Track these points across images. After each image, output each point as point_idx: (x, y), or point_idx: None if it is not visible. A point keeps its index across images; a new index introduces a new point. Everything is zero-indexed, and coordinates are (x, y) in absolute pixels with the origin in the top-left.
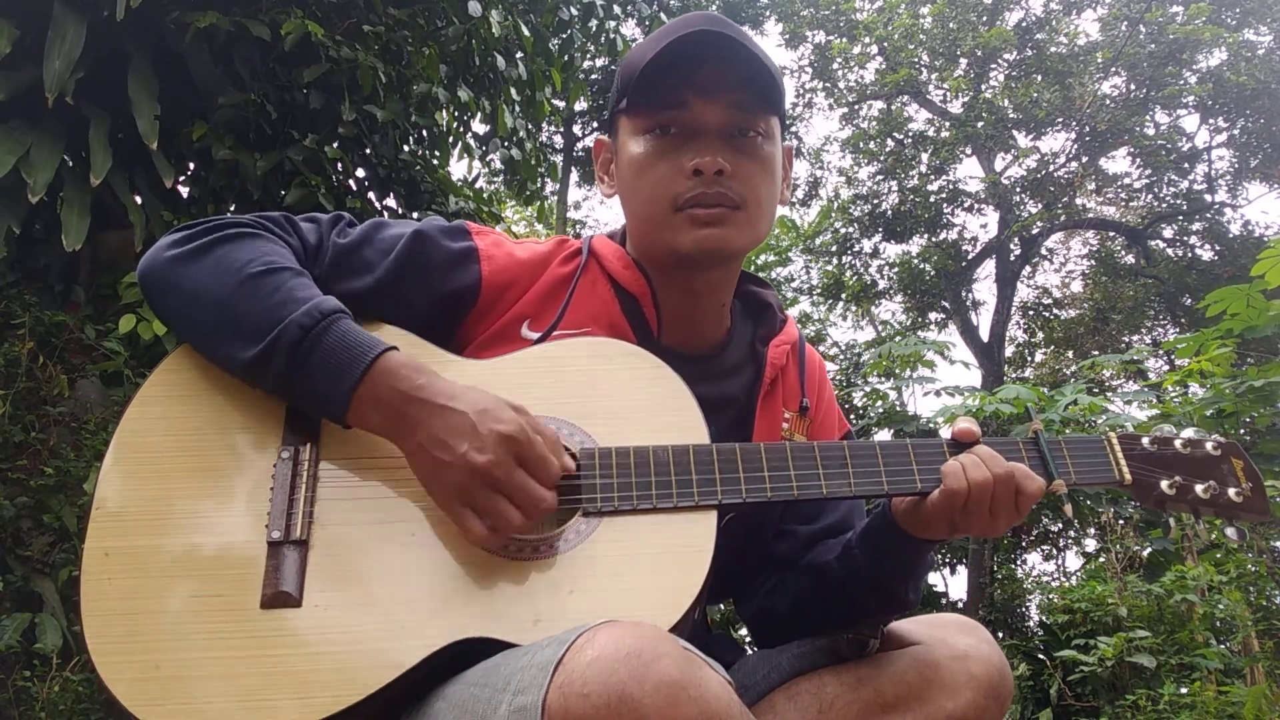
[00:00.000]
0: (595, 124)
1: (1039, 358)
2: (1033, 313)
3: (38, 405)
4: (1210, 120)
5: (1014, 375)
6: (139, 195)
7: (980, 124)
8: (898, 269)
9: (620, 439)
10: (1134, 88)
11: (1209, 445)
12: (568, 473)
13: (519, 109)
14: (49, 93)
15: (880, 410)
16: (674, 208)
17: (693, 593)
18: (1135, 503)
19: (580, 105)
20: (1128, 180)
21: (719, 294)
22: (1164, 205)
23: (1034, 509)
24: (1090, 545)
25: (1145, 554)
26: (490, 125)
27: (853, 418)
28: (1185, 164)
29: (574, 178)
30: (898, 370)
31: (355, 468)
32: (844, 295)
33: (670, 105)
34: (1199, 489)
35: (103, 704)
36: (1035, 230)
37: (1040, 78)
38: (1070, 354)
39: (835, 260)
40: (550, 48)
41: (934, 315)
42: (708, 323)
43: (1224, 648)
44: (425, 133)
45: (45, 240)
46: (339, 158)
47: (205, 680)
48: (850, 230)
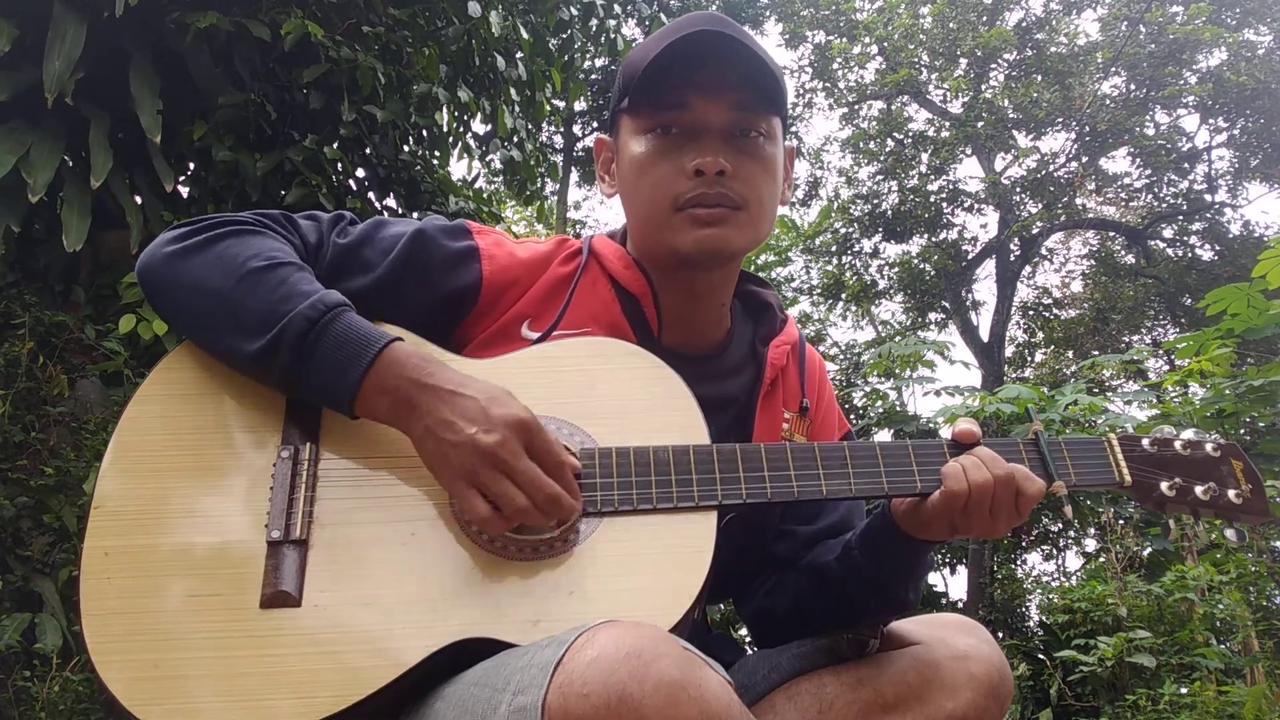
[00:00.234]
0: (595, 124)
1: (1039, 358)
2: (1033, 313)
3: (38, 405)
4: (1210, 120)
5: (1014, 375)
6: (139, 195)
7: (980, 124)
8: (898, 269)
9: (620, 439)
10: (1134, 88)
11: (1209, 446)
12: (575, 470)
13: (519, 109)
14: (49, 93)
15: (880, 410)
16: (675, 208)
17: (693, 593)
18: (1135, 503)
19: (580, 105)
20: (1128, 180)
21: (719, 294)
22: (1164, 205)
23: (1034, 509)
24: (1090, 545)
25: (1145, 554)
26: (490, 125)
27: (853, 418)
28: (1185, 164)
29: (574, 178)
30: (898, 370)
31: (356, 467)
32: (844, 295)
33: (672, 105)
34: (1199, 490)
35: (102, 704)
36: (1035, 230)
37: (1040, 78)
38: (1070, 354)
39: (835, 260)
40: (550, 48)
41: (934, 315)
42: (708, 323)
43: (1224, 648)
44: (425, 133)
45: (45, 240)
46: (339, 158)
47: (205, 680)
48: (850, 230)
